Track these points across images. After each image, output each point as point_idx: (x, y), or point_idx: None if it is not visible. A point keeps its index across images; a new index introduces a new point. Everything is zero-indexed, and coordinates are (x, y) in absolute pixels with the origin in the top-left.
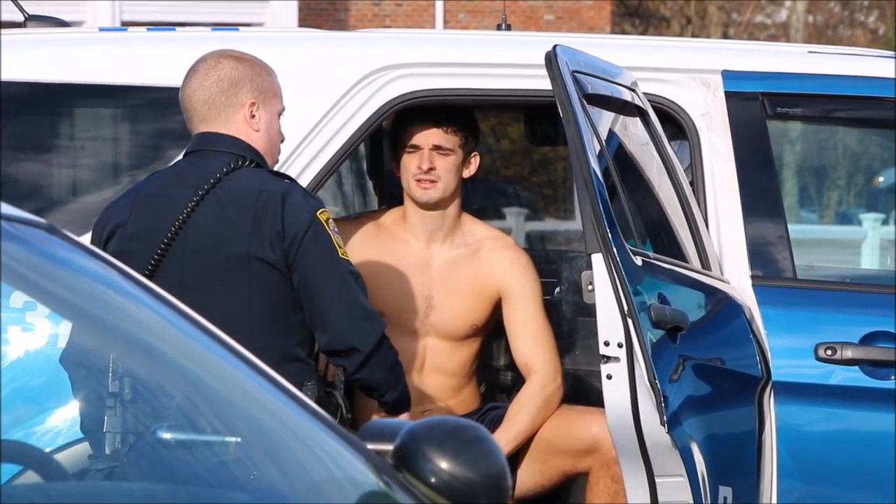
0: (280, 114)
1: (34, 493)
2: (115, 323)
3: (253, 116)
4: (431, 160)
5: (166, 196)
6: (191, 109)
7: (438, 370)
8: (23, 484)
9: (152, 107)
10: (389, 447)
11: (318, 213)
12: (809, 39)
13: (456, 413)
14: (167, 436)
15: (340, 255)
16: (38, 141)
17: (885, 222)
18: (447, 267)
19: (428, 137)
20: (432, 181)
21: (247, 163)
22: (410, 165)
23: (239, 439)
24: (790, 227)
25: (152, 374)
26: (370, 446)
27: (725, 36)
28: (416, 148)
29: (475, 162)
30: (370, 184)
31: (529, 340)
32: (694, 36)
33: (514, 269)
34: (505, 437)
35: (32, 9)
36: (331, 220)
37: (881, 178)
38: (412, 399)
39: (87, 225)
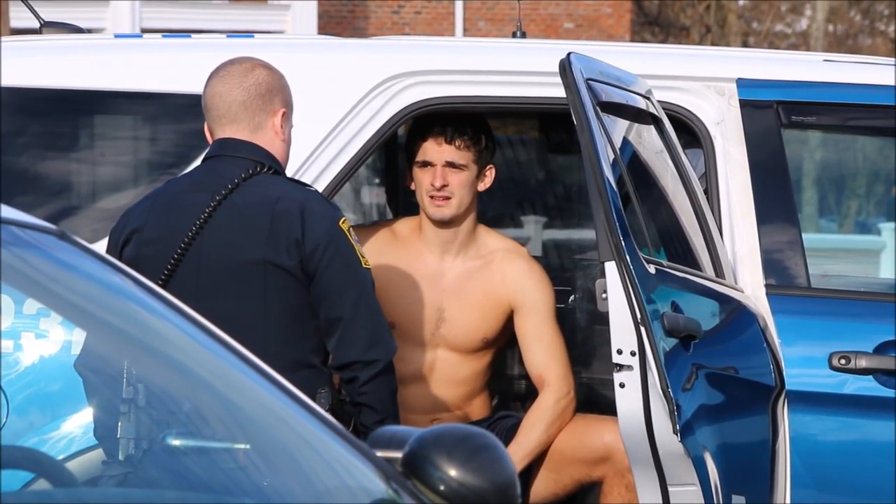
0: (291, 128)
1: (47, 499)
2: (126, 329)
3: (282, 126)
4: (444, 177)
5: (183, 201)
6: (222, 109)
7: (448, 381)
8: (35, 490)
9: (167, 113)
10: (398, 455)
11: (340, 223)
12: (829, 48)
13: (466, 422)
14: (179, 442)
15: (363, 265)
16: (53, 147)
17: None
18: (460, 279)
19: (441, 154)
20: (446, 198)
21: (265, 169)
22: (424, 181)
23: (249, 446)
24: (809, 235)
25: (163, 381)
26: (379, 454)
27: (745, 45)
28: (429, 164)
29: (490, 175)
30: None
31: (543, 352)
32: (714, 45)
33: (526, 279)
34: (520, 452)
35: (52, 15)
36: (352, 230)
37: None
38: (422, 408)
39: (103, 231)
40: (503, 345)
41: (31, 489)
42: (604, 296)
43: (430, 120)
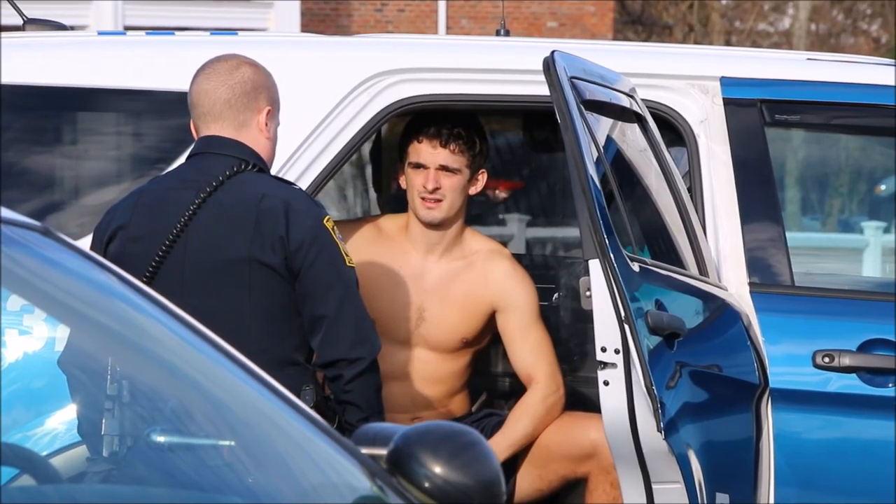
0: (277, 126)
1: (31, 495)
2: (110, 326)
3: (266, 124)
4: (437, 180)
5: (168, 199)
6: (207, 106)
7: (428, 380)
8: (19, 486)
9: (151, 111)
10: (383, 452)
11: (324, 221)
12: (812, 47)
13: (448, 419)
14: (162, 440)
15: (348, 263)
16: (37, 144)
17: (886, 230)
18: (442, 280)
19: (435, 157)
20: (437, 200)
21: (249, 167)
22: (416, 182)
23: (234, 443)
24: (792, 234)
25: (147, 377)
26: (364, 451)
27: (728, 44)
28: (423, 166)
29: (482, 179)
30: (372, 190)
31: (529, 352)
32: (697, 44)
33: (508, 280)
34: (504, 442)
35: (35, 12)
36: (336, 228)
37: (883, 187)
38: (402, 406)
39: (89, 226)
40: (484, 345)
41: (15, 485)
42: (588, 293)
43: (425, 120)
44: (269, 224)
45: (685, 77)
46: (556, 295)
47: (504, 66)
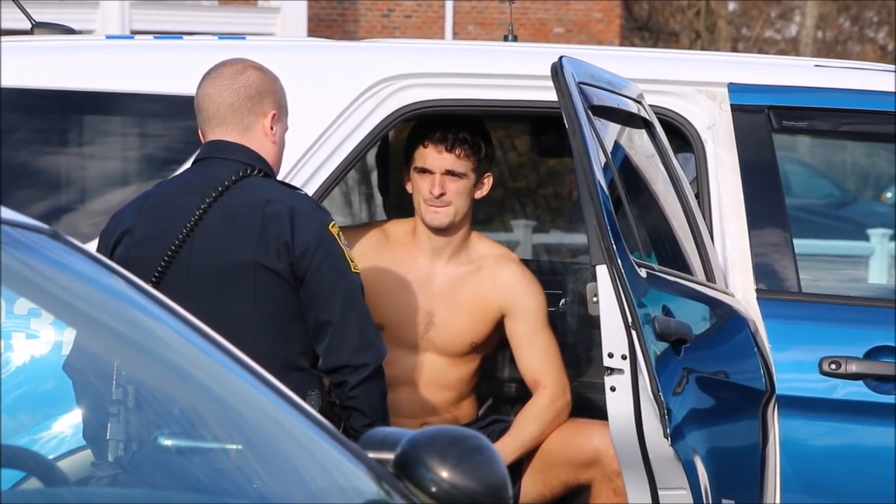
0: (285, 131)
1: (37, 498)
2: (119, 329)
3: (272, 128)
4: (443, 185)
5: (174, 203)
6: (212, 110)
7: (436, 384)
8: (26, 489)
9: (159, 115)
10: (390, 456)
11: (329, 227)
12: (818, 55)
13: (455, 425)
14: (170, 443)
15: (353, 269)
16: (46, 147)
17: (892, 238)
18: (450, 284)
19: (441, 162)
20: (443, 205)
21: (255, 172)
22: (422, 187)
23: (241, 447)
24: (798, 241)
25: (155, 381)
26: (371, 455)
27: (734, 51)
28: (428, 171)
29: (488, 182)
30: (378, 195)
31: (537, 356)
32: (703, 50)
33: (517, 284)
34: (511, 445)
35: (41, 16)
36: (341, 234)
37: (889, 194)
38: (410, 412)
39: (93, 232)
40: (491, 349)
41: (22, 488)
42: (595, 299)
43: (430, 125)
44: (274, 229)
45: (693, 83)
46: (562, 300)
47: (511, 72)
